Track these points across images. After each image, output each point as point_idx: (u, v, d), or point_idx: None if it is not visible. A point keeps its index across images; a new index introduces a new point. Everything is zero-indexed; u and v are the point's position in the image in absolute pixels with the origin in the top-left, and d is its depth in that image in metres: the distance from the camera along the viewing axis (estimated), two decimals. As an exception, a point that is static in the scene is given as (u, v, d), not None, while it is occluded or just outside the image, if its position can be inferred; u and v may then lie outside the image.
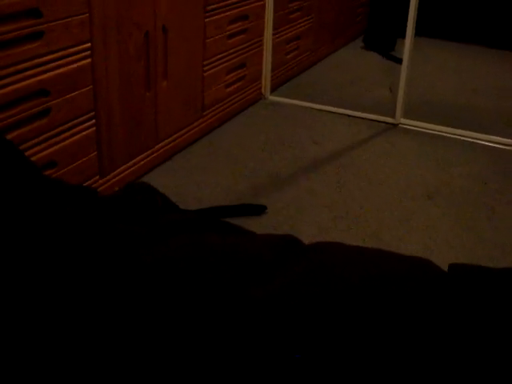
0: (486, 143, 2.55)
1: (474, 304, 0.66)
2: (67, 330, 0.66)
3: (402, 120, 2.70)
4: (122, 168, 2.00)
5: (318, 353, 0.62)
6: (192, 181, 2.12)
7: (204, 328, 0.64)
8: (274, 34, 2.86)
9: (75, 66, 1.69)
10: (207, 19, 2.30)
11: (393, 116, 2.72)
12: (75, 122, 1.74)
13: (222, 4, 2.37)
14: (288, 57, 3.10)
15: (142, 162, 2.10)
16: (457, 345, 0.61)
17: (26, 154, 1.60)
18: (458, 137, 2.60)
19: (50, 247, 0.76)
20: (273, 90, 2.97)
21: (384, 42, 3.77)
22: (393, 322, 0.64)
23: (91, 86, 1.77)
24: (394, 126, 2.69)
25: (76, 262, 0.73)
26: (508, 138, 2.57)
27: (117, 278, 0.69)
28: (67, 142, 1.73)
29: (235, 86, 2.63)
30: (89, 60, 1.74)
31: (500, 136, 2.58)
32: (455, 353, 0.61)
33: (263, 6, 2.71)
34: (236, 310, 0.65)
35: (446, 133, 2.63)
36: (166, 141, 2.22)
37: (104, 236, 0.77)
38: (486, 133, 2.61)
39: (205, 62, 2.35)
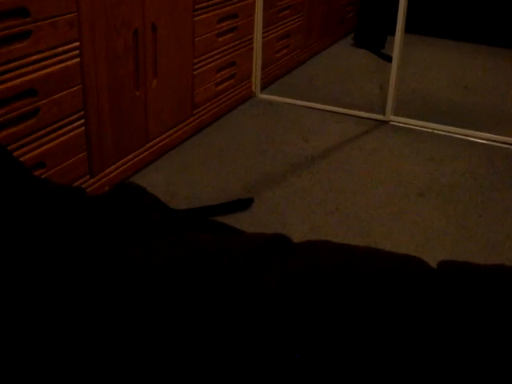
0: (477, 140, 2.56)
1: (463, 301, 0.66)
2: (56, 329, 0.66)
3: (393, 117, 2.70)
4: (112, 167, 1.99)
5: (312, 352, 0.62)
6: (183, 180, 2.11)
7: (197, 330, 0.63)
8: (263, 32, 2.86)
9: (63, 65, 1.68)
10: (196, 17, 2.29)
11: (383, 113, 2.72)
12: (64, 121, 1.73)
13: (211, 2, 2.36)
14: (278, 55, 3.10)
15: (132, 162, 2.09)
16: (446, 342, 0.61)
17: (15, 154, 1.59)
18: (449, 134, 2.61)
19: (37, 246, 0.76)
20: (263, 88, 2.96)
21: (374, 40, 3.77)
22: (382, 320, 0.64)
23: (80, 86, 1.76)
24: (385, 123, 2.69)
25: (63, 261, 0.73)
26: (499, 134, 2.57)
27: (103, 277, 0.69)
28: (56, 142, 1.72)
29: (225, 84, 2.62)
30: (77, 59, 1.73)
31: (491, 133, 2.59)
32: (445, 350, 0.61)
33: (253, 4, 2.71)
34: (227, 312, 0.65)
35: (436, 130, 2.64)
36: (156, 140, 2.22)
37: (91, 235, 0.76)
38: (477, 130, 2.61)
39: (195, 61, 2.35)
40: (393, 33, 2.64)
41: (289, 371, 0.60)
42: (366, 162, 2.31)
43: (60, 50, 1.66)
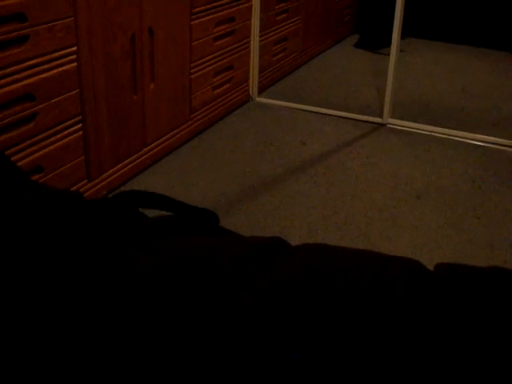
0: (474, 142, 2.56)
1: (461, 303, 0.66)
2: (62, 332, 0.66)
3: (390, 120, 2.71)
4: (109, 172, 1.99)
5: (311, 354, 0.62)
6: (180, 183, 2.11)
7: (192, 328, 0.63)
8: (260, 36, 2.86)
9: (61, 70, 1.68)
10: (194, 21, 2.30)
11: (380, 116, 2.72)
12: (62, 126, 1.73)
13: (208, 6, 2.37)
14: (275, 58, 3.10)
15: (130, 166, 2.10)
16: (443, 344, 0.61)
17: (12, 159, 1.59)
18: (446, 136, 2.61)
19: (38, 251, 0.76)
20: (260, 92, 2.97)
21: (375, 41, 3.78)
22: (378, 323, 0.64)
23: (77, 90, 1.76)
24: (382, 126, 2.70)
25: (64, 265, 0.73)
26: (496, 137, 2.58)
27: (107, 280, 0.69)
28: (54, 146, 1.72)
29: (223, 88, 2.62)
30: (75, 64, 1.73)
31: (488, 135, 2.59)
32: (442, 353, 0.61)
33: (250, 8, 2.71)
34: (222, 312, 0.65)
35: (434, 132, 2.64)
36: (154, 144, 2.22)
37: (92, 239, 0.77)
38: (474, 132, 2.62)
39: (192, 65, 2.35)
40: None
41: (280, 371, 0.60)
42: (364, 165, 2.31)
43: (57, 54, 1.66)
